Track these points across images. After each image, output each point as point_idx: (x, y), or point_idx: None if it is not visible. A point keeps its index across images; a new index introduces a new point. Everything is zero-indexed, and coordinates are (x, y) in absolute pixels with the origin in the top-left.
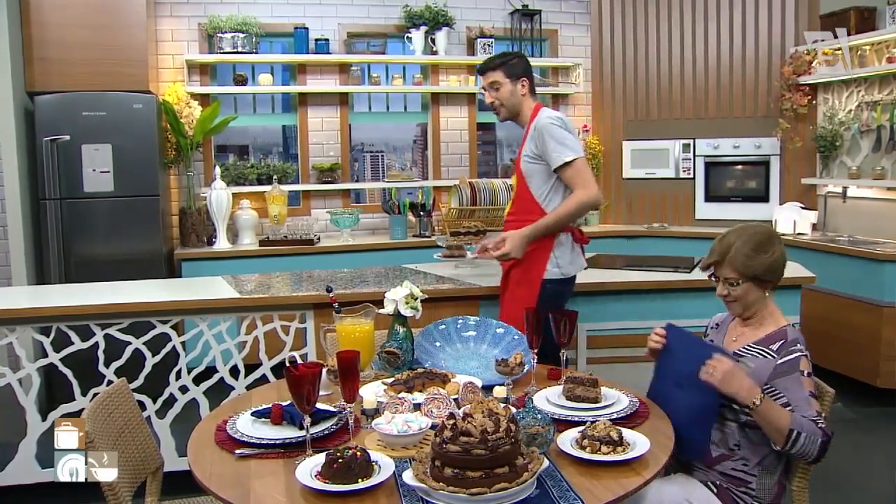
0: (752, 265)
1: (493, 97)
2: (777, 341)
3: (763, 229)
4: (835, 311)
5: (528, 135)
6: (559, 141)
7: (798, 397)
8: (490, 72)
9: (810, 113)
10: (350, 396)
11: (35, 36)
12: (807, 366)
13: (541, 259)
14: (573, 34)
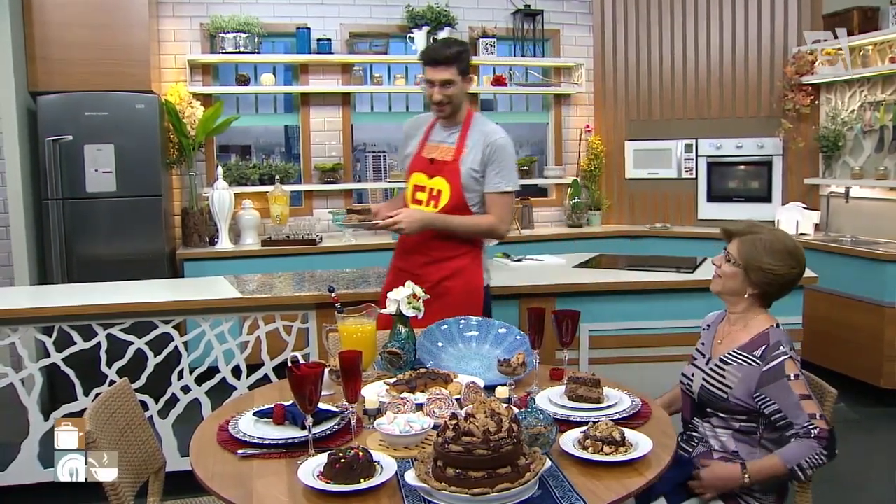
0: (754, 257)
1: (442, 95)
2: (760, 346)
3: (792, 246)
4: (837, 312)
5: (466, 141)
6: (510, 168)
7: (788, 405)
8: (444, 67)
9: (813, 113)
10: (352, 397)
11: (37, 36)
12: (793, 368)
13: (478, 267)
14: (575, 34)
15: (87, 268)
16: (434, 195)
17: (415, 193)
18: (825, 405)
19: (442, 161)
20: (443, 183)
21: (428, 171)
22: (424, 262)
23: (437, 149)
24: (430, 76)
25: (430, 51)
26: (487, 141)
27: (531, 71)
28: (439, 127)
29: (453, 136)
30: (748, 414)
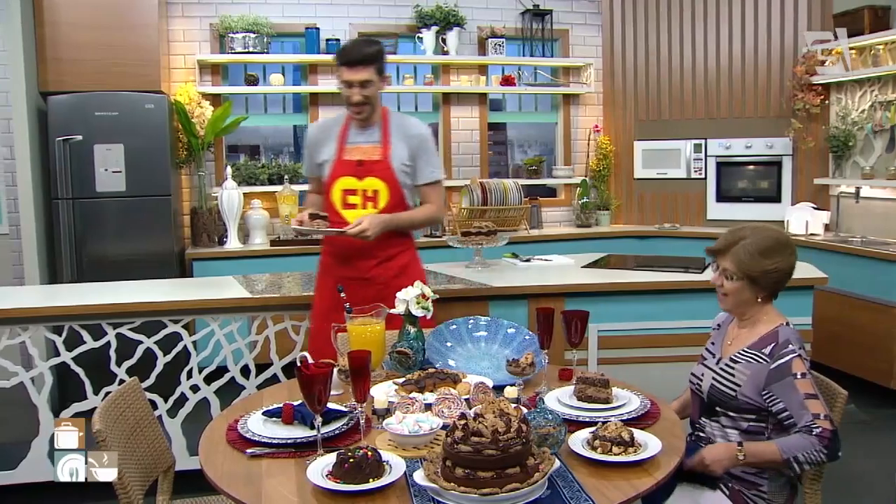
0: (753, 266)
1: (362, 96)
2: (769, 344)
3: (777, 235)
4: (848, 312)
5: (390, 137)
6: (436, 156)
7: (793, 403)
8: (363, 67)
9: (823, 113)
10: (361, 396)
11: (48, 36)
12: (801, 366)
13: (418, 261)
14: (584, 34)
15: (96, 267)
16: (370, 196)
17: (345, 198)
18: (835, 406)
19: (371, 161)
20: (377, 182)
21: (357, 173)
22: (375, 264)
23: (360, 150)
24: (349, 77)
25: (348, 51)
26: (411, 133)
27: (540, 71)
28: (355, 129)
29: (375, 135)
30: (757, 413)
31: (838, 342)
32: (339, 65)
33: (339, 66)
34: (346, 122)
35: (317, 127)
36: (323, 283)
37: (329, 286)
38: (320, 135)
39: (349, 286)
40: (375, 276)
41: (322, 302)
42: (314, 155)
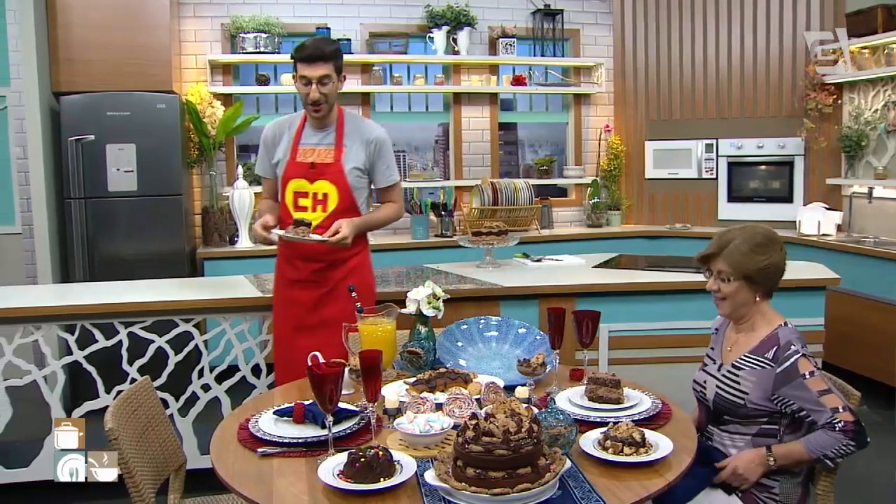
0: (747, 263)
1: (320, 94)
2: (771, 347)
3: (765, 231)
4: (860, 313)
5: (344, 140)
6: (392, 159)
7: (809, 402)
8: (322, 63)
9: (835, 112)
10: (372, 396)
11: (61, 37)
12: (808, 366)
13: (369, 263)
14: (595, 34)
15: (108, 266)
16: (320, 200)
17: (297, 200)
18: None
19: (323, 164)
20: (328, 186)
21: (309, 176)
22: (325, 266)
23: (314, 152)
24: (307, 73)
25: (306, 47)
26: (369, 138)
27: (551, 71)
28: (309, 129)
29: (329, 137)
30: (769, 416)
31: (851, 343)
32: (297, 61)
33: (297, 62)
34: (302, 122)
35: (273, 126)
36: (278, 289)
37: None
38: (276, 134)
39: (297, 289)
40: (323, 280)
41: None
42: (270, 154)
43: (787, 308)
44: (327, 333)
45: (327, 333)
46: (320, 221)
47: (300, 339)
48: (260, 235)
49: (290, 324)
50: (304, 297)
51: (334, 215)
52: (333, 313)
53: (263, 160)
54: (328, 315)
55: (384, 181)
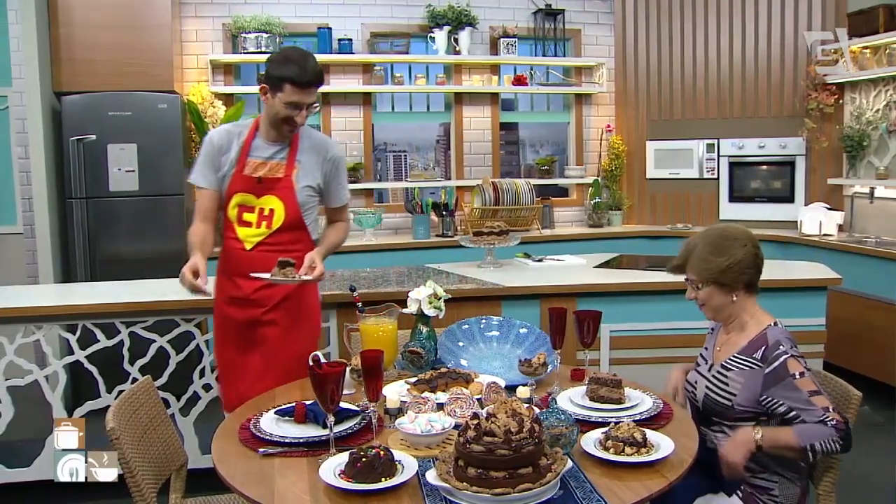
0: (709, 268)
1: (303, 119)
2: (759, 347)
3: (723, 232)
4: (862, 313)
5: (298, 156)
6: (346, 177)
7: (799, 403)
8: (316, 88)
9: (837, 112)
10: (374, 396)
11: (62, 37)
12: (797, 366)
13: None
14: (596, 34)
15: (109, 266)
16: (265, 215)
17: (241, 214)
18: (849, 408)
19: (272, 178)
20: (275, 202)
21: (255, 190)
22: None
23: (265, 166)
24: (300, 99)
25: (303, 72)
26: (327, 156)
27: (552, 70)
28: (261, 141)
29: (283, 152)
30: (755, 418)
31: (852, 343)
32: (291, 84)
33: (287, 85)
34: (252, 132)
35: (220, 133)
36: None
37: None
38: (224, 142)
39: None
40: (260, 299)
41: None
42: (215, 163)
43: (789, 308)
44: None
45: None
46: (263, 238)
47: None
48: (189, 285)
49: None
50: (242, 315)
51: (279, 233)
52: (274, 334)
53: (205, 169)
54: (268, 335)
55: (338, 201)
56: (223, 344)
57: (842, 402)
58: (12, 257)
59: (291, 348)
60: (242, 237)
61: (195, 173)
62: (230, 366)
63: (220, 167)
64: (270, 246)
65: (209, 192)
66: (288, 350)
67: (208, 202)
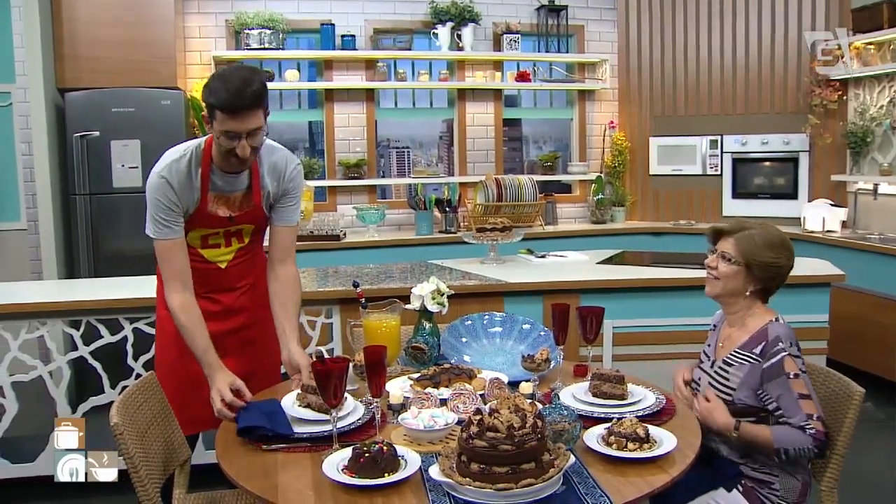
0: (756, 253)
1: (251, 148)
2: (759, 343)
3: (783, 236)
4: (865, 310)
5: (261, 181)
6: (300, 199)
7: (787, 403)
8: (252, 112)
9: (840, 109)
10: (377, 391)
11: (66, 34)
12: (793, 366)
13: None
14: (600, 30)
15: (113, 262)
16: (233, 233)
17: (206, 240)
18: (851, 404)
19: (242, 213)
20: (246, 226)
21: (227, 226)
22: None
23: (229, 200)
24: (233, 128)
25: (232, 94)
26: (284, 173)
27: (555, 67)
28: (219, 173)
29: (243, 182)
30: (755, 415)
31: (855, 340)
32: (220, 111)
33: (217, 112)
34: (206, 165)
35: (168, 171)
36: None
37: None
38: (177, 186)
39: (215, 321)
40: (240, 307)
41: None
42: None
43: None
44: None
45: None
46: (236, 253)
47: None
48: (230, 415)
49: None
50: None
51: (249, 247)
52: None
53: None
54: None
55: (289, 220)
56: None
57: (844, 399)
58: (16, 253)
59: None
60: (211, 258)
61: (156, 224)
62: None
63: (187, 207)
64: (242, 258)
65: (179, 243)
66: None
67: (183, 255)
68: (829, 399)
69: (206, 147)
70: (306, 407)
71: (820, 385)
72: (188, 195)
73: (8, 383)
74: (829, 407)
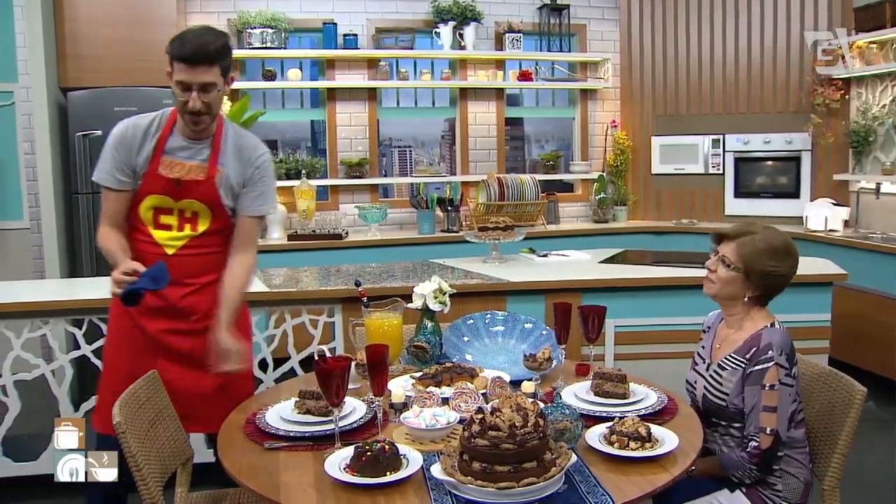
0: (756, 261)
1: (202, 103)
2: (751, 348)
3: (786, 240)
4: (867, 309)
5: (220, 157)
6: (273, 188)
7: (751, 409)
8: (206, 66)
9: (843, 108)
10: (378, 390)
11: (68, 33)
12: (773, 377)
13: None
14: (602, 29)
15: None
16: (187, 217)
17: (157, 217)
18: (853, 404)
19: (192, 181)
20: (197, 205)
21: (174, 193)
22: (189, 292)
23: (183, 167)
24: (186, 77)
25: (188, 44)
26: (251, 161)
27: (557, 66)
28: (179, 139)
29: (203, 153)
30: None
31: (857, 339)
32: (174, 59)
33: (174, 62)
34: (168, 126)
35: (130, 126)
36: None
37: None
38: (136, 137)
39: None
40: (191, 306)
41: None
42: (128, 161)
43: (794, 304)
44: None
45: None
46: (188, 241)
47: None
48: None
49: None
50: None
51: (207, 236)
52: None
53: (114, 168)
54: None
55: (252, 209)
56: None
57: (846, 399)
58: (18, 252)
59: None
60: (161, 241)
61: (102, 172)
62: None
63: (134, 166)
64: (195, 249)
65: (120, 195)
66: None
67: (119, 206)
68: (830, 399)
69: (172, 112)
70: (305, 413)
71: (822, 385)
72: (140, 154)
73: (10, 382)
74: (830, 406)
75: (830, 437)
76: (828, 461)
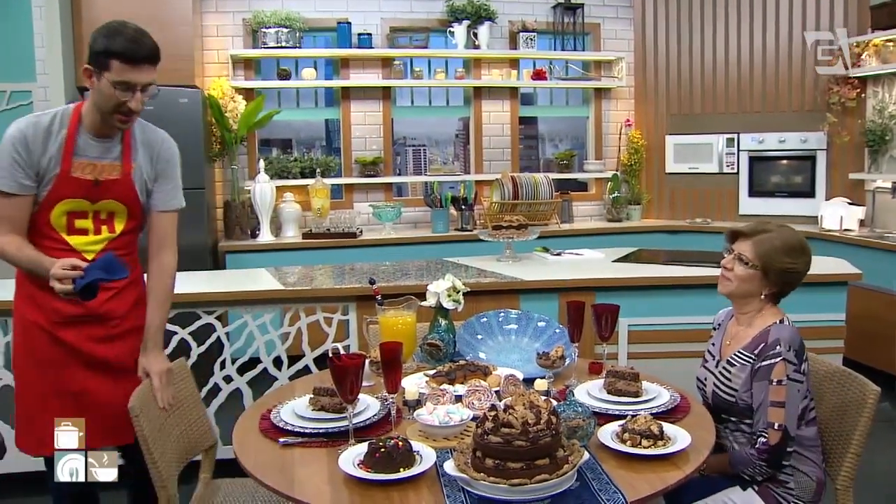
0: (773, 258)
1: (142, 104)
2: (760, 344)
3: (801, 239)
4: (883, 309)
5: (132, 153)
6: (179, 179)
7: (760, 404)
8: (150, 65)
9: (859, 107)
10: (392, 387)
11: (86, 33)
12: (781, 373)
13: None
14: (616, 28)
15: None
16: (103, 220)
17: (72, 222)
18: (867, 403)
19: (109, 180)
20: (114, 205)
21: (91, 195)
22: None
23: (95, 167)
24: (133, 78)
25: (133, 44)
26: (160, 155)
27: (571, 65)
28: (88, 139)
29: (115, 150)
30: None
31: (873, 339)
32: (119, 59)
33: (114, 62)
34: (73, 126)
35: (31, 126)
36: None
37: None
38: (36, 138)
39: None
40: (109, 311)
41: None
42: (30, 163)
43: (809, 303)
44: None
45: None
46: (106, 244)
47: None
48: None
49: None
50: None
51: (124, 237)
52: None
53: (15, 171)
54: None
55: (166, 203)
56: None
57: (859, 398)
58: None
59: None
60: (78, 247)
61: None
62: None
63: (38, 168)
64: (113, 251)
65: (22, 199)
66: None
67: (22, 211)
68: (844, 398)
69: (74, 110)
70: (320, 409)
71: (835, 384)
72: (44, 155)
73: (11, 380)
74: (844, 406)
75: (844, 436)
76: (841, 460)
